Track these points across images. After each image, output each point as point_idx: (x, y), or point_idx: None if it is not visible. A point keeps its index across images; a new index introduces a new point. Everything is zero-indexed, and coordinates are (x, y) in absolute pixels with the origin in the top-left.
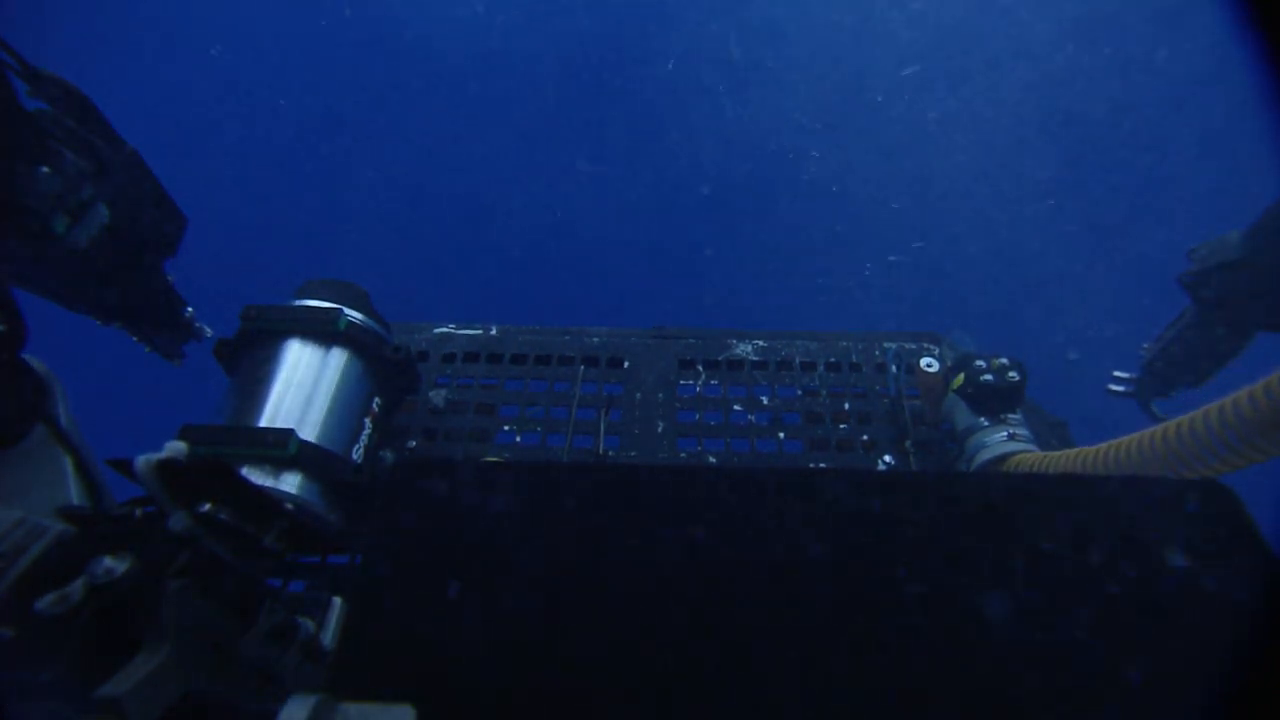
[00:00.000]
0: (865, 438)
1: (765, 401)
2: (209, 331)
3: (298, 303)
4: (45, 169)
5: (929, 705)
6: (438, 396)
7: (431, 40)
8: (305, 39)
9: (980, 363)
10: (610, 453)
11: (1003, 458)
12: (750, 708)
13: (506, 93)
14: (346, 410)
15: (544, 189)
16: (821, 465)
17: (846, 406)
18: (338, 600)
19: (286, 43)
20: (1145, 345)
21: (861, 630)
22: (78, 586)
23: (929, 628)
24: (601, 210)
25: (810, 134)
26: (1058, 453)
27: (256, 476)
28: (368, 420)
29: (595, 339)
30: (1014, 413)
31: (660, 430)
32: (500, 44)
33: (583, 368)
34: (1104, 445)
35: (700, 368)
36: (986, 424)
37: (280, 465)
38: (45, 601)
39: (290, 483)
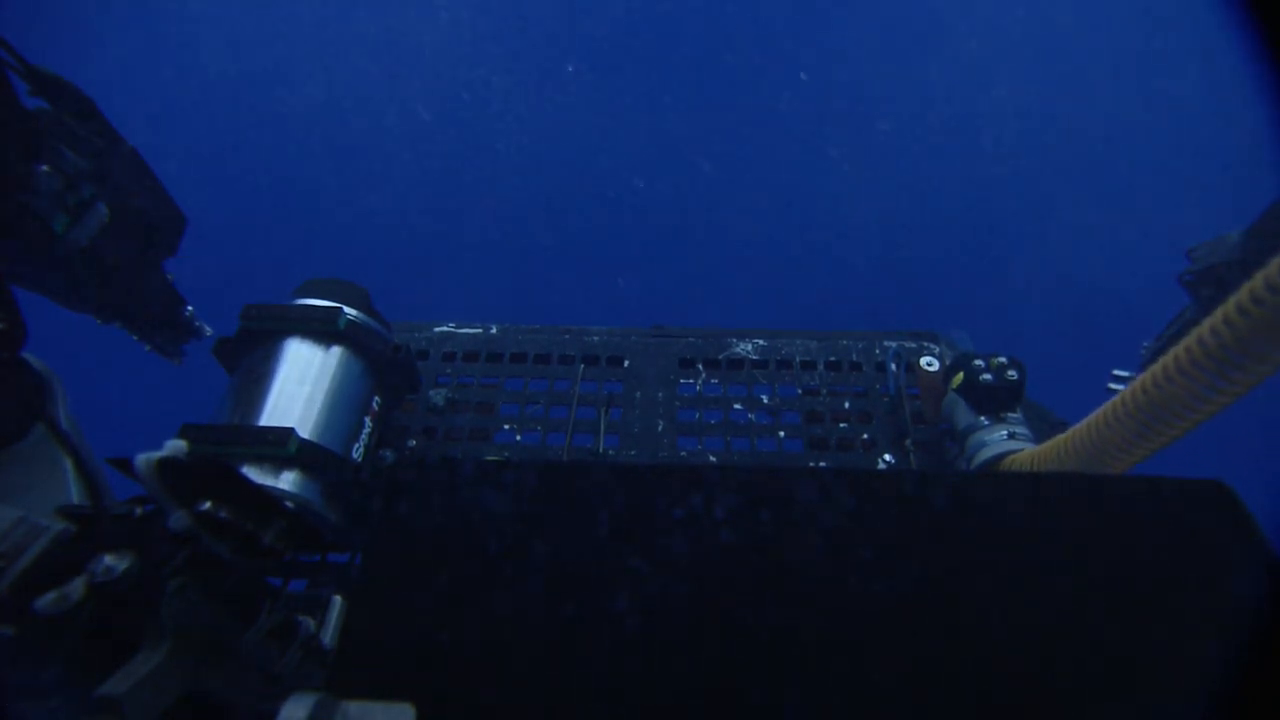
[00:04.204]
0: (865, 437)
1: (765, 400)
2: (209, 330)
3: (297, 301)
4: (45, 168)
5: (928, 704)
6: (438, 396)
7: (432, 38)
8: (307, 37)
9: (979, 362)
10: (610, 451)
11: (1002, 456)
12: (752, 707)
13: (507, 89)
14: (346, 409)
15: (546, 187)
16: (822, 464)
17: (846, 405)
18: (338, 599)
19: (287, 41)
20: (1145, 345)
21: (867, 632)
22: (78, 585)
23: (933, 627)
24: (603, 208)
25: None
26: (1040, 447)
27: (256, 475)
28: (368, 419)
29: (595, 338)
30: (1014, 412)
31: (660, 429)
32: (502, 39)
33: (583, 366)
34: (1075, 427)
35: (700, 366)
36: (986, 423)
37: (280, 464)
38: (45, 601)
39: (290, 481)
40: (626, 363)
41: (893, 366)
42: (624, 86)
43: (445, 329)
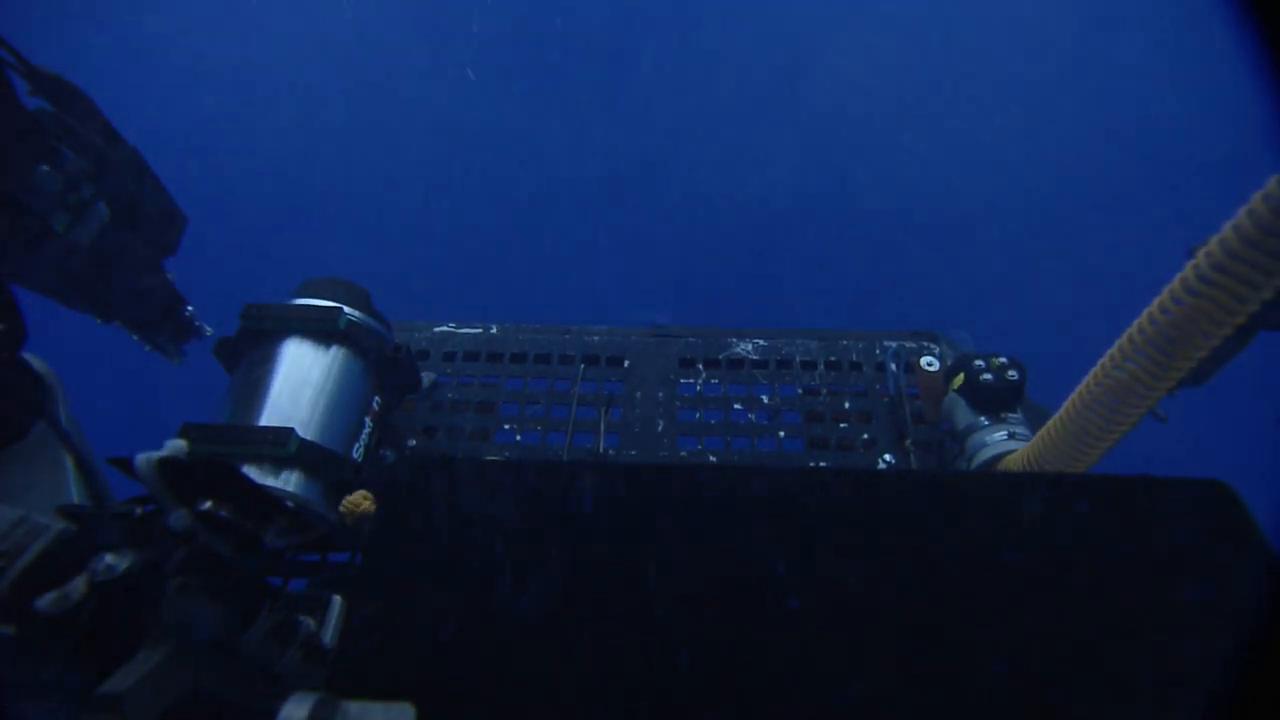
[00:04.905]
0: (865, 436)
1: (765, 400)
2: (209, 330)
3: (298, 301)
4: (45, 167)
5: (929, 704)
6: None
7: (430, 36)
8: (306, 36)
9: (980, 362)
10: (610, 451)
11: (1002, 456)
12: (754, 707)
13: (505, 88)
14: (346, 409)
15: (545, 185)
16: (822, 464)
17: (847, 405)
18: (338, 599)
19: (287, 40)
20: None
21: (868, 632)
22: (78, 584)
23: (932, 628)
24: (604, 208)
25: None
26: (1029, 445)
27: (256, 475)
28: (368, 419)
29: (595, 338)
30: (1014, 411)
31: (660, 429)
32: (498, 39)
33: (583, 366)
34: (1048, 424)
35: (700, 366)
36: (986, 423)
37: (280, 464)
38: (46, 600)
39: (290, 481)
40: (626, 363)
41: (893, 366)
42: (619, 84)
43: (445, 329)
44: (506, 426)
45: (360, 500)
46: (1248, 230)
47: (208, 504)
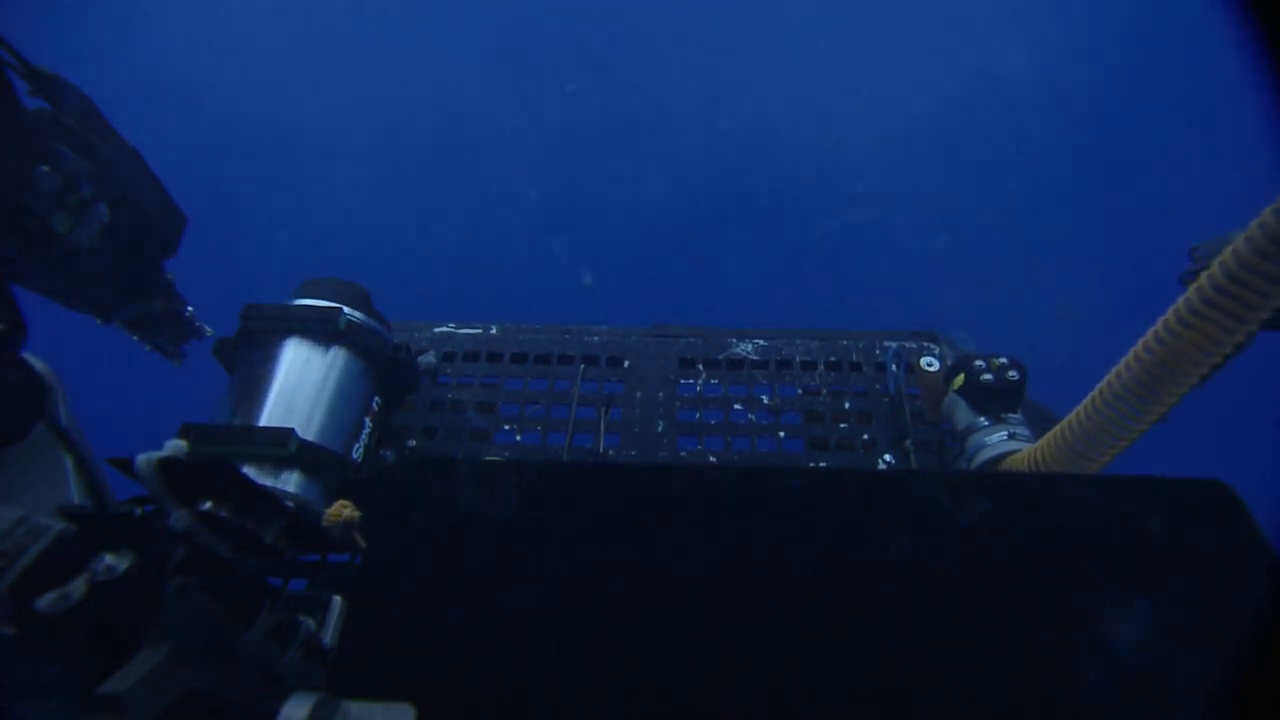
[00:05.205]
0: (865, 437)
1: (765, 400)
2: (209, 330)
3: (298, 301)
4: (45, 168)
5: (926, 704)
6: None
7: (431, 37)
8: (305, 36)
9: (980, 362)
10: (610, 451)
11: (1002, 457)
12: (750, 709)
13: (508, 90)
14: (346, 409)
15: (545, 186)
16: (822, 464)
17: (847, 405)
18: (338, 599)
19: (286, 41)
20: None
21: (869, 632)
22: (78, 585)
23: (930, 628)
24: (603, 209)
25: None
26: (1033, 446)
27: (257, 475)
28: (368, 419)
29: (595, 338)
30: (1014, 412)
31: (660, 429)
32: (500, 40)
33: (583, 366)
34: (1058, 426)
35: (700, 367)
36: (986, 423)
37: (280, 464)
38: (46, 600)
39: (290, 481)
40: (626, 363)
41: (893, 366)
42: (620, 91)
43: (445, 329)
44: (506, 426)
45: (340, 509)
46: (1254, 248)
47: (208, 504)
